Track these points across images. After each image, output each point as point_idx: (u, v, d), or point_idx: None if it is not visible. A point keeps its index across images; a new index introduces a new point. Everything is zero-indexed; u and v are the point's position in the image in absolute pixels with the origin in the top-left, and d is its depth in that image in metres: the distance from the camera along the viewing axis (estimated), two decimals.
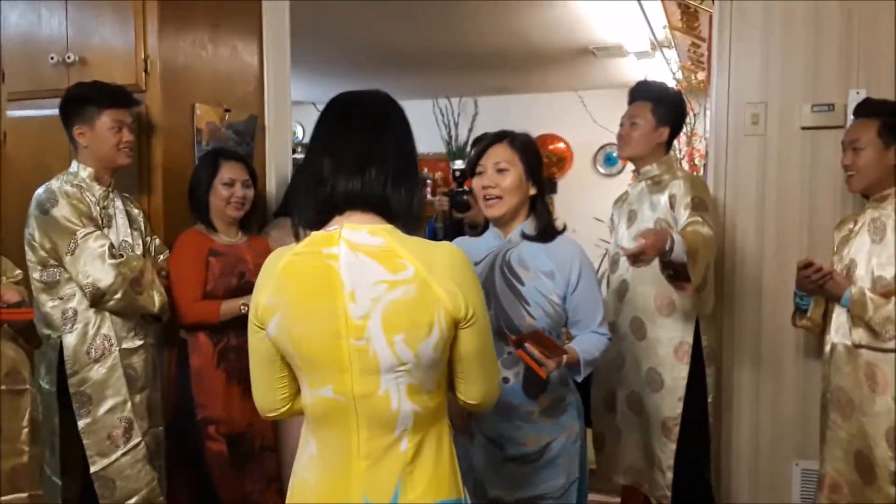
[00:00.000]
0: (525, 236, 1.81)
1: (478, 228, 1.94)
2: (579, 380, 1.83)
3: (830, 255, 2.27)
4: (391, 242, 1.19)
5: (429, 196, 6.34)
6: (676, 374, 2.32)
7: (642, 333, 2.37)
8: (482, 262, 1.81)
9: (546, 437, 1.78)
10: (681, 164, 4.35)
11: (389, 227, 1.22)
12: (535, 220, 1.83)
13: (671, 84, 4.73)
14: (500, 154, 1.80)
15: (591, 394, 2.53)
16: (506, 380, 1.76)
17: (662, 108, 2.39)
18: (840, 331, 2.13)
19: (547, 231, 1.82)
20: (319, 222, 1.24)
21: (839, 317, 2.14)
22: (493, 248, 1.83)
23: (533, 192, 1.82)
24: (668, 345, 2.33)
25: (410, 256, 1.18)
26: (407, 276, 1.18)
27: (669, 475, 2.31)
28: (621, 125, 2.46)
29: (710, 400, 2.39)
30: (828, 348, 2.20)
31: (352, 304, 1.18)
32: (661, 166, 2.40)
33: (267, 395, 1.32)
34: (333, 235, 1.21)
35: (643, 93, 2.44)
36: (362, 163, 1.21)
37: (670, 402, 2.32)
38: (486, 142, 1.85)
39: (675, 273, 2.15)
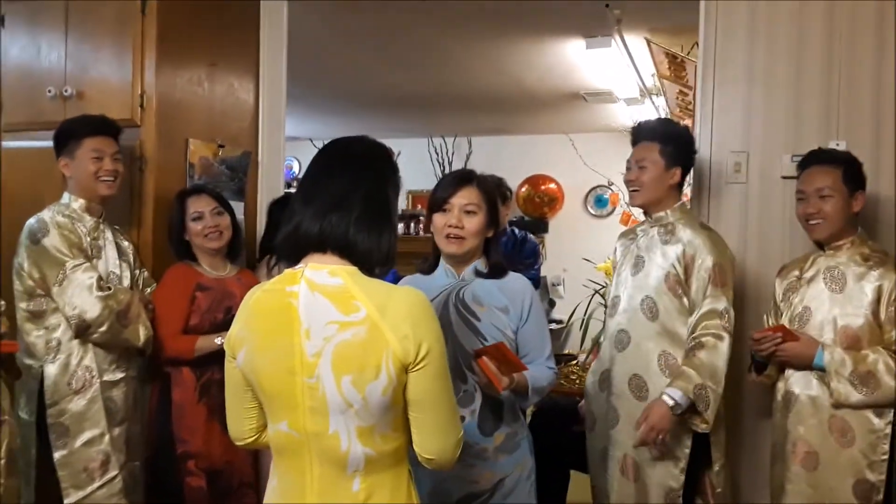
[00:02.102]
0: (479, 274, 1.85)
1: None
2: (526, 407, 1.85)
3: (770, 301, 2.27)
4: (349, 284, 1.22)
5: (421, 233, 6.40)
6: (682, 443, 2.14)
7: (643, 394, 2.19)
8: (435, 300, 1.82)
9: (499, 473, 1.80)
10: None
11: (352, 268, 1.24)
12: (488, 258, 1.88)
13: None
14: (469, 196, 1.82)
15: (587, 441, 2.44)
16: (462, 418, 1.71)
17: (671, 146, 2.24)
18: (802, 382, 2.10)
19: (499, 268, 1.87)
20: (292, 259, 1.28)
21: (796, 372, 2.11)
22: (445, 286, 1.85)
23: (490, 234, 1.87)
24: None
25: (365, 298, 1.20)
26: (358, 318, 1.20)
27: None
28: (628, 169, 2.32)
29: (716, 469, 2.20)
30: (779, 396, 2.16)
31: (307, 341, 1.21)
32: (674, 213, 2.26)
33: (236, 424, 1.37)
34: (297, 274, 1.25)
35: (648, 132, 2.29)
36: (328, 206, 1.24)
37: (673, 473, 2.15)
38: (455, 181, 1.86)
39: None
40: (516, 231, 3.83)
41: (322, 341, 1.20)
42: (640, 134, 2.33)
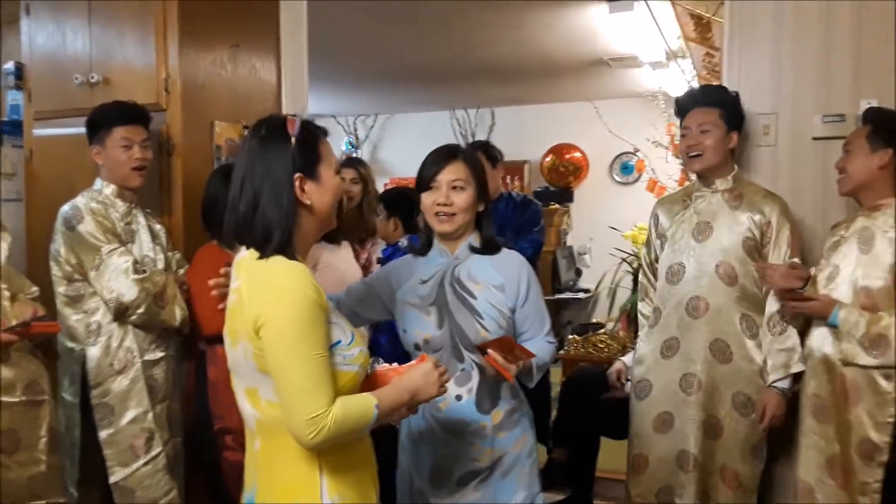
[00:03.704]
0: (473, 249, 1.82)
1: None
2: (530, 386, 1.84)
3: (820, 256, 2.27)
4: (248, 256, 1.34)
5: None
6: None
7: (727, 357, 2.27)
8: (430, 281, 1.81)
9: (498, 451, 1.79)
10: None
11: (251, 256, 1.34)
12: (481, 233, 1.84)
13: None
14: (456, 172, 1.79)
15: (634, 408, 2.45)
16: (458, 397, 1.76)
17: (729, 111, 2.32)
18: (820, 338, 2.12)
19: (492, 243, 1.84)
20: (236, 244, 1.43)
21: (819, 325, 2.12)
22: (440, 265, 1.83)
23: (481, 208, 1.83)
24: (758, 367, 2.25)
25: (245, 269, 1.33)
26: (236, 286, 1.34)
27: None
28: (684, 136, 2.35)
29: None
30: (804, 351, 2.19)
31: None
32: (737, 181, 2.34)
33: None
34: None
35: (705, 98, 2.36)
36: (234, 197, 1.36)
37: (756, 428, 2.25)
38: (440, 158, 1.82)
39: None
40: (514, 194, 3.69)
41: (227, 306, 1.38)
42: (696, 100, 2.38)
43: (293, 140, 1.34)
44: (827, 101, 2.50)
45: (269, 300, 1.26)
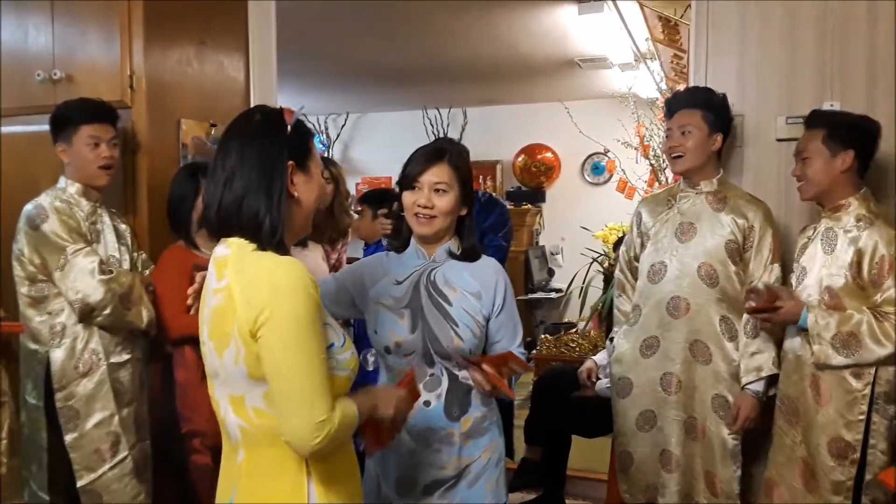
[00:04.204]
0: (451, 255, 1.78)
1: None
2: (500, 396, 1.79)
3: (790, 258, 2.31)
4: (231, 253, 1.26)
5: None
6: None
7: (706, 358, 2.29)
8: (406, 282, 1.77)
9: (466, 459, 1.74)
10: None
11: (242, 240, 1.26)
12: (461, 239, 1.80)
13: (656, 94, 4.81)
14: (440, 174, 1.73)
15: (615, 406, 2.46)
16: (427, 403, 1.72)
17: (713, 113, 2.32)
18: (793, 340, 2.15)
19: (472, 250, 1.80)
20: (215, 237, 1.34)
21: (791, 328, 2.16)
22: (416, 266, 1.78)
23: (464, 212, 1.79)
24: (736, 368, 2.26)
25: (232, 267, 1.24)
26: (222, 286, 1.25)
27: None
28: (668, 136, 2.37)
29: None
30: (781, 353, 2.22)
31: (205, 308, 1.31)
32: (722, 184, 2.35)
33: None
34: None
35: (689, 100, 2.36)
36: (221, 187, 1.28)
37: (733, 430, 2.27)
38: (425, 158, 1.76)
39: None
40: (479, 193, 3.36)
41: (207, 309, 1.29)
42: (681, 102, 2.38)
43: (288, 129, 1.29)
44: (791, 103, 2.54)
45: (270, 299, 1.18)
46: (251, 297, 1.20)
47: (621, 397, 2.44)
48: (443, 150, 1.77)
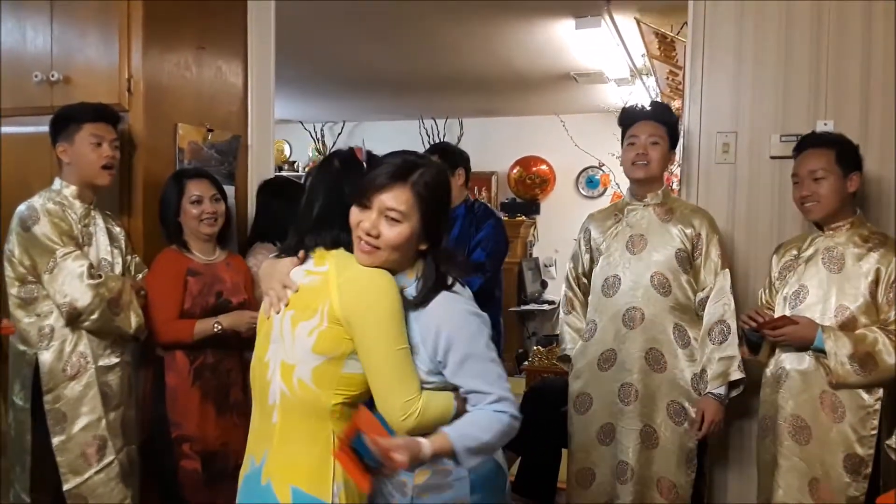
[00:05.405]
0: (405, 302, 1.43)
1: None
2: (468, 467, 1.44)
3: (766, 279, 2.32)
4: (336, 253, 1.49)
5: None
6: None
7: (661, 366, 2.33)
8: None
9: None
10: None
11: (340, 251, 1.50)
12: (421, 282, 1.44)
13: None
14: (397, 199, 1.40)
15: (574, 423, 2.47)
16: None
17: (673, 131, 2.39)
18: (793, 358, 2.15)
19: (426, 296, 1.43)
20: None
21: (786, 348, 2.15)
22: None
23: (423, 247, 1.45)
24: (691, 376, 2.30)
25: (334, 260, 1.46)
26: (321, 271, 1.46)
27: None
28: (632, 144, 2.37)
29: None
30: (769, 372, 2.22)
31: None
32: (665, 196, 2.41)
33: None
34: None
35: (657, 114, 2.40)
36: (315, 226, 1.53)
37: (690, 435, 2.30)
38: (386, 175, 1.42)
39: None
40: (476, 205, 3.11)
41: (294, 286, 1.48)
42: (646, 113, 2.41)
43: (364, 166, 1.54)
44: (785, 121, 2.57)
45: (373, 298, 1.39)
46: (349, 290, 1.40)
47: (580, 413, 2.45)
48: (411, 169, 1.42)
